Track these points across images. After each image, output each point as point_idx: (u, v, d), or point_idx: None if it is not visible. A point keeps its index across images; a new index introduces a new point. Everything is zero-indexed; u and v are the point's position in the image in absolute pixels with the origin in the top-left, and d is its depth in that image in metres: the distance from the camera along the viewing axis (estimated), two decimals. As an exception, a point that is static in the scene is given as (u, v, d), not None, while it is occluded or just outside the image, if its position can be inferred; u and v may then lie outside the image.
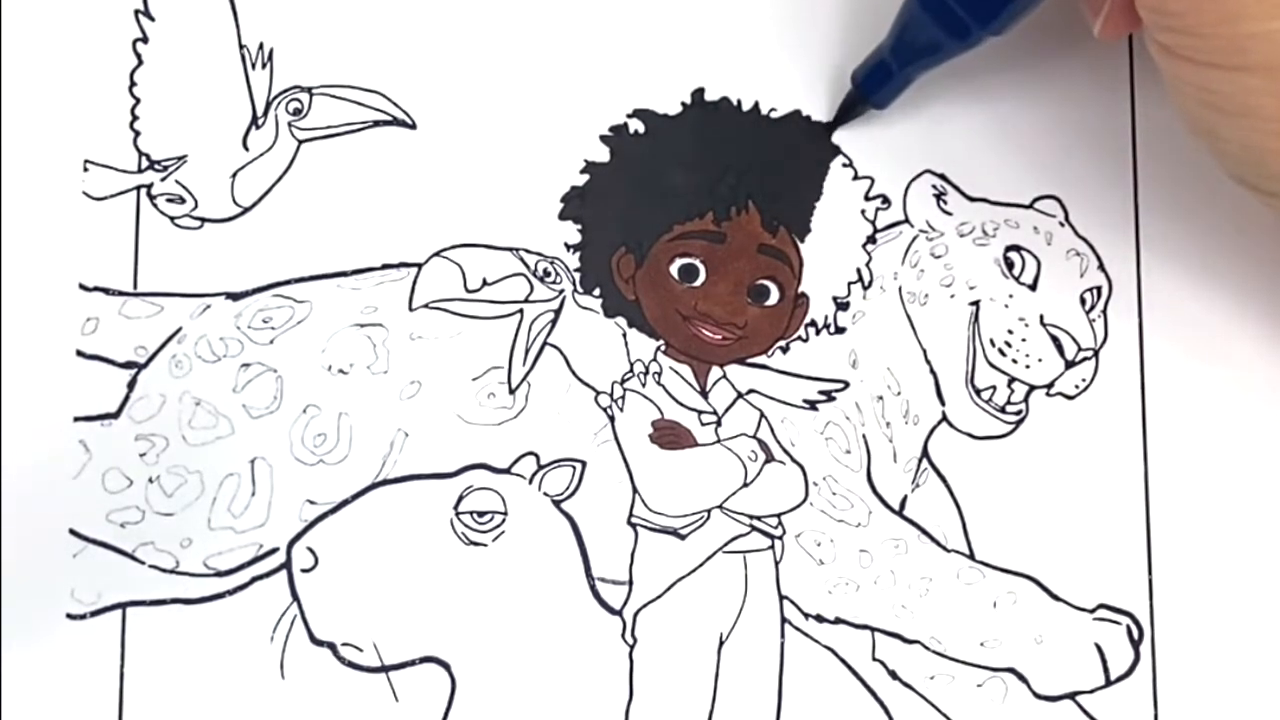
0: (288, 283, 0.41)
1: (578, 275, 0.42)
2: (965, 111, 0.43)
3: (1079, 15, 0.38)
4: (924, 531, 0.41)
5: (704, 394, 0.42)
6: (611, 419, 0.41)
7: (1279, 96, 0.31)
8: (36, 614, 0.39)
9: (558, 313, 0.42)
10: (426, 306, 0.41)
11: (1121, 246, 0.43)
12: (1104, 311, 0.43)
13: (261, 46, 0.43)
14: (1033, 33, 0.40)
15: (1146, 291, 0.43)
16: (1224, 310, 0.43)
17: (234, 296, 0.41)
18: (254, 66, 0.43)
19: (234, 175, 0.42)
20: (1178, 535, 0.42)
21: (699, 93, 0.43)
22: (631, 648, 0.40)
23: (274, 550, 0.40)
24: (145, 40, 0.42)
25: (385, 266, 0.42)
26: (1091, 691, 0.41)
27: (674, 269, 0.42)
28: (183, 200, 0.42)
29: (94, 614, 0.39)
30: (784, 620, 0.41)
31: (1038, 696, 0.41)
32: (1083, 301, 0.43)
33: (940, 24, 0.38)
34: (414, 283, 0.41)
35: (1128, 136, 0.43)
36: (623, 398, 0.41)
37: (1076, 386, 0.42)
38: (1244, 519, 0.42)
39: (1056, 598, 0.41)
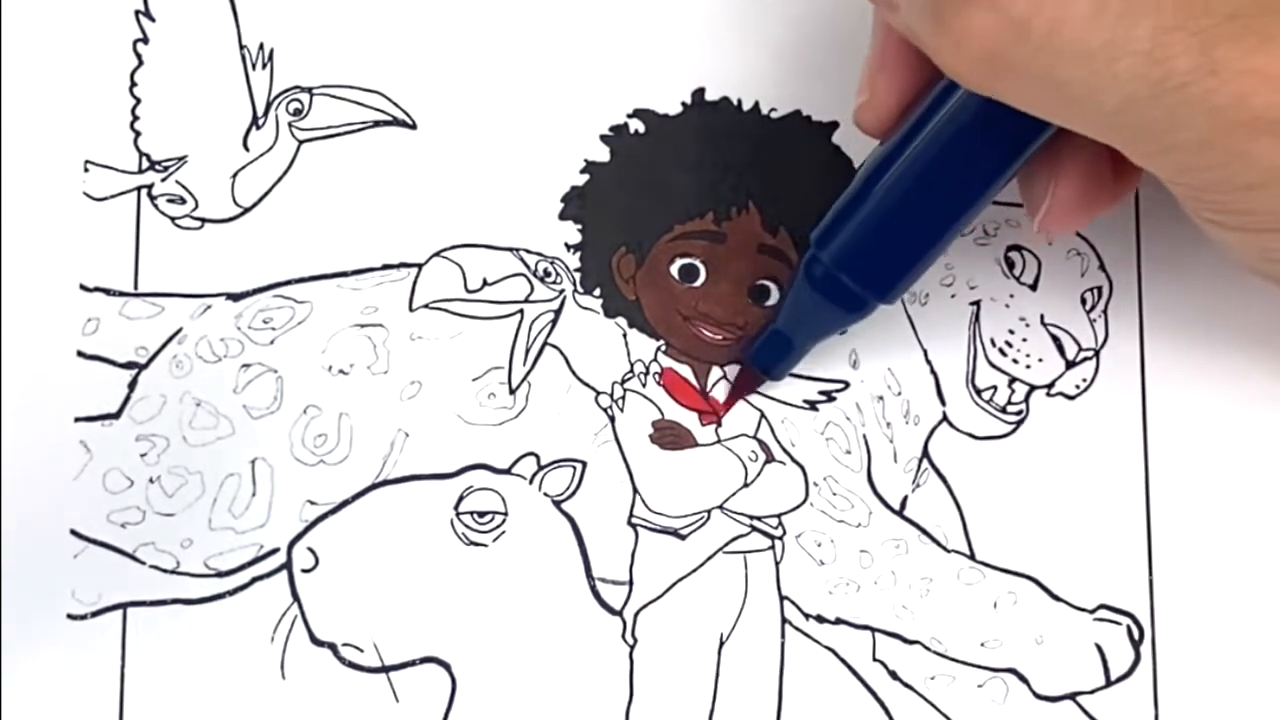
0: (288, 283, 0.41)
1: (578, 275, 0.42)
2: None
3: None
4: (924, 532, 0.41)
5: (704, 394, 0.42)
6: (612, 419, 0.41)
7: None
8: (36, 614, 0.39)
9: (558, 313, 0.42)
10: (427, 307, 0.41)
11: (1121, 246, 0.43)
12: (1104, 311, 0.43)
13: (261, 46, 0.43)
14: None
15: (1146, 291, 0.43)
16: (1224, 310, 0.43)
17: (234, 297, 0.41)
18: (254, 66, 0.43)
19: (234, 175, 0.42)
20: (1178, 535, 0.42)
21: (699, 93, 0.43)
22: (632, 648, 0.40)
23: (274, 550, 0.40)
24: (145, 40, 0.42)
25: (385, 266, 0.42)
26: (1092, 692, 0.41)
27: (674, 269, 0.42)
28: (183, 201, 0.42)
29: (94, 614, 0.39)
30: (784, 621, 0.41)
31: (1038, 697, 0.41)
32: (1083, 301, 0.43)
33: (836, 302, 0.38)
34: (414, 283, 0.41)
35: (1128, 136, 0.43)
36: (623, 398, 0.41)
37: (1077, 386, 0.42)
38: (1244, 519, 0.42)
39: (1057, 598, 0.41)
